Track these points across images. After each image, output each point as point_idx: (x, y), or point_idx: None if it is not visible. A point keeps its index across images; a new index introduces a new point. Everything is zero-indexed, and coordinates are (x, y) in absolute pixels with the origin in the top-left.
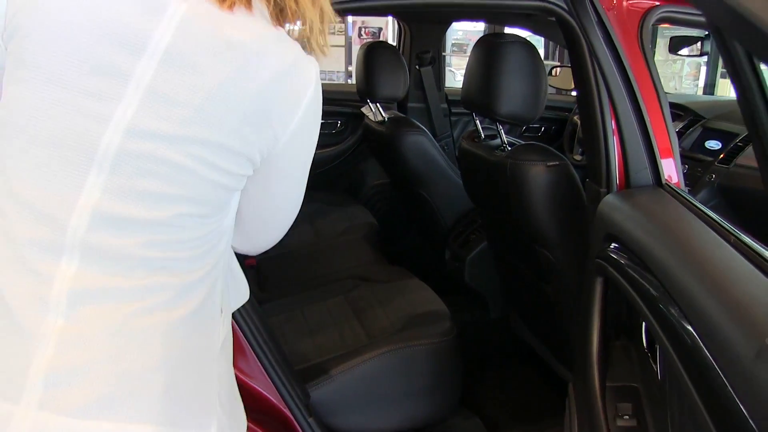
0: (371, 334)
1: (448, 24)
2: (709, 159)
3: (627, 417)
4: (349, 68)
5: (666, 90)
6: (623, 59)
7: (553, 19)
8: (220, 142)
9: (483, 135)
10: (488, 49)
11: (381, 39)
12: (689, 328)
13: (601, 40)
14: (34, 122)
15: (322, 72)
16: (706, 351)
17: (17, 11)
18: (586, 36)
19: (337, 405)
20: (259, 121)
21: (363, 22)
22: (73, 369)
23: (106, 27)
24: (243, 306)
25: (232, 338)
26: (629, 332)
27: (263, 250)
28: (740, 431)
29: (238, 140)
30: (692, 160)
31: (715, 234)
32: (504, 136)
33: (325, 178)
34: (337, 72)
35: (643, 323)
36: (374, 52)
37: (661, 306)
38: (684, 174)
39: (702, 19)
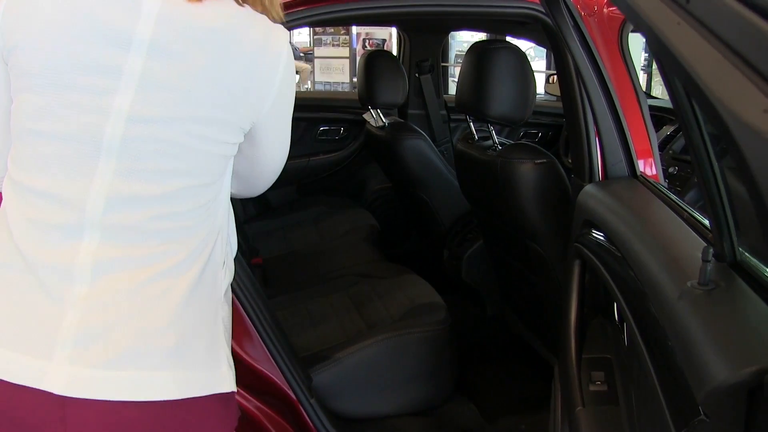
0: (370, 325)
1: (446, 34)
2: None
3: (599, 383)
4: (354, 79)
5: (663, 97)
6: (599, 62)
7: (538, 25)
8: (212, 118)
9: (477, 136)
10: (479, 54)
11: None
12: (637, 282)
13: (578, 44)
14: (42, 123)
15: (327, 84)
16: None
17: (6, 29)
18: (567, 43)
19: (337, 389)
20: (244, 94)
21: (367, 34)
22: (98, 329)
23: (90, 27)
24: (249, 293)
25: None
26: (604, 311)
27: (260, 193)
28: (671, 365)
29: (227, 114)
30: (682, 162)
31: (671, 212)
32: (495, 136)
33: (329, 183)
34: (342, 83)
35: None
36: (374, 59)
37: (626, 282)
38: (674, 175)
39: None
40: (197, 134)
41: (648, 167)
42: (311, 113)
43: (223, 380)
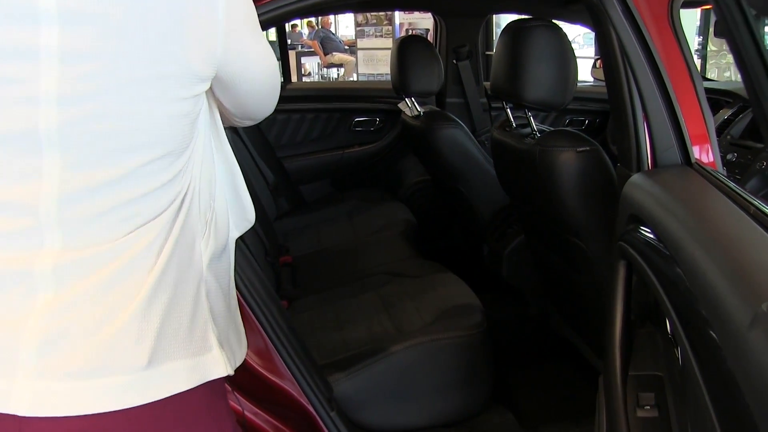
0: (400, 328)
1: (484, 17)
2: (760, 146)
3: (648, 407)
4: None
5: (719, 80)
6: (646, 37)
7: (579, 3)
8: (154, 75)
9: (514, 124)
10: (515, 34)
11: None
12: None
13: (622, 17)
14: None
15: (371, 75)
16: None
17: None
18: (611, 18)
19: (362, 399)
20: (180, 36)
21: (410, 24)
22: (63, 334)
23: None
24: (261, 299)
25: (229, 249)
26: (655, 319)
27: (261, 119)
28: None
29: (169, 64)
30: (741, 147)
31: (735, 206)
32: (533, 123)
33: (365, 176)
34: (387, 74)
35: None
36: (408, 46)
37: (676, 288)
38: (732, 162)
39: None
40: (143, 98)
41: (704, 154)
42: (345, 103)
43: (213, 365)
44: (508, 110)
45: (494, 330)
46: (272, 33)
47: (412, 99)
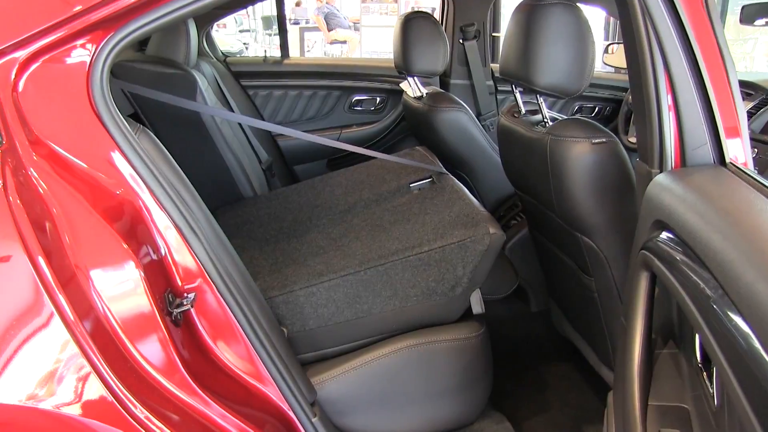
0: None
1: None
2: None
3: None
4: None
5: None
6: (685, 23)
7: None
8: None
9: (524, 109)
10: (528, 13)
11: None
12: (755, 342)
13: (660, 3)
14: None
15: (374, 52)
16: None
17: None
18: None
19: (348, 404)
20: None
21: (416, 2)
22: None
23: None
24: (236, 287)
25: None
26: (680, 339)
27: None
28: None
29: None
30: (762, 143)
31: None
32: (545, 109)
33: (363, 158)
34: (389, 53)
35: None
36: (412, 22)
37: (717, 311)
38: (753, 159)
39: None
40: None
41: (737, 152)
42: (345, 81)
43: None
44: (518, 94)
45: (492, 327)
46: (269, 7)
47: (415, 79)
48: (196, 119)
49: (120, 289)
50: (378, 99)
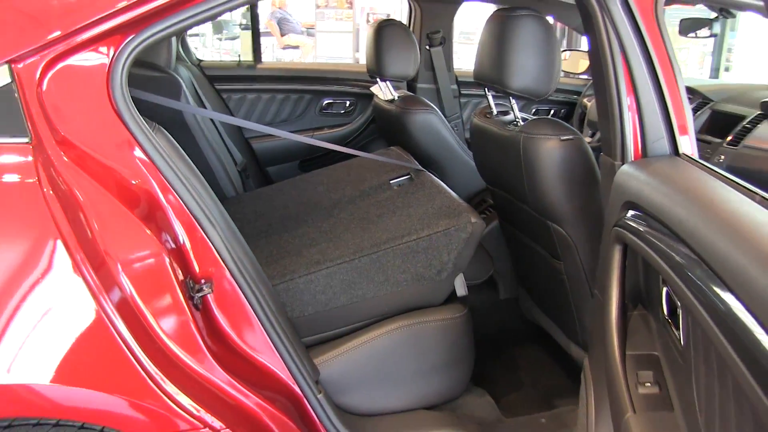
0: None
1: (459, 4)
2: (718, 140)
3: (648, 384)
4: (357, 54)
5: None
6: (644, 34)
7: None
8: None
9: (495, 111)
10: (501, 23)
11: None
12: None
13: (624, 17)
14: None
15: (329, 57)
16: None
17: None
18: (607, 10)
19: (346, 383)
20: None
21: (371, 9)
22: None
23: None
24: (252, 278)
25: None
26: (646, 302)
27: None
28: None
29: None
30: (701, 141)
31: (739, 194)
32: (517, 110)
33: (334, 159)
34: (345, 59)
35: (664, 290)
36: (385, 29)
37: (688, 268)
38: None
39: None
40: None
41: (687, 145)
42: (315, 85)
43: None
44: (490, 97)
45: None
46: (238, 14)
47: (387, 83)
48: (180, 120)
49: (147, 274)
50: (348, 102)
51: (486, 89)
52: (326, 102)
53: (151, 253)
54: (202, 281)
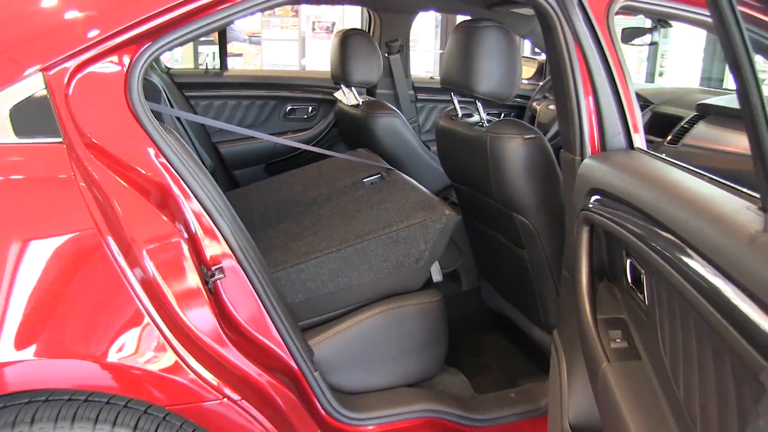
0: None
1: (415, 14)
2: (659, 140)
3: (618, 340)
4: (302, 61)
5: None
6: (601, 41)
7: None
8: None
9: (461, 113)
10: (468, 33)
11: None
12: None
13: (584, 26)
14: None
15: (274, 65)
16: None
17: None
18: (568, 19)
19: (335, 363)
20: None
21: (317, 17)
22: None
23: None
24: (256, 266)
25: None
26: (611, 276)
27: None
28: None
29: None
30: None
31: (689, 174)
32: (483, 112)
33: (297, 162)
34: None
35: (627, 261)
36: (350, 38)
37: (651, 236)
38: None
39: (659, 8)
40: None
41: (638, 140)
42: (279, 92)
43: None
44: (456, 101)
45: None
46: None
47: (352, 89)
48: None
49: (169, 260)
50: (310, 108)
51: (452, 94)
52: (290, 107)
53: (171, 240)
54: (212, 268)
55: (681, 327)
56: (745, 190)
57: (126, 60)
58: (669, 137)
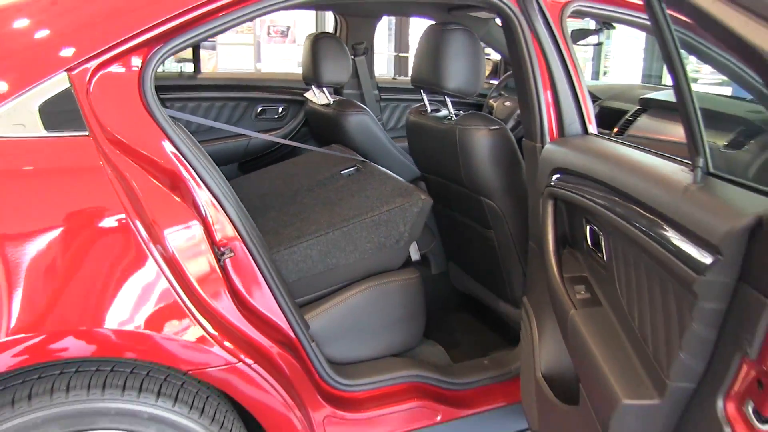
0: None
1: (379, 18)
2: (606, 132)
3: (582, 292)
4: (258, 65)
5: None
6: (558, 41)
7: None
8: None
9: (429, 109)
10: (436, 35)
11: (289, 37)
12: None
13: (543, 27)
14: None
15: (230, 69)
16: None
17: None
18: (529, 21)
19: (327, 336)
20: None
21: (271, 21)
22: None
23: None
24: (260, 246)
25: None
26: (572, 243)
27: None
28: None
29: None
30: None
31: (638, 150)
32: (451, 107)
33: (269, 160)
34: (247, 70)
35: (587, 228)
36: (321, 41)
37: (609, 201)
38: None
39: (605, 12)
40: None
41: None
42: (250, 93)
43: None
44: (425, 98)
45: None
46: None
47: (324, 89)
48: None
49: (187, 241)
50: (280, 108)
51: (422, 91)
52: (260, 108)
53: (188, 222)
54: (221, 249)
55: (634, 271)
56: (679, 158)
57: (139, 61)
58: (615, 129)
